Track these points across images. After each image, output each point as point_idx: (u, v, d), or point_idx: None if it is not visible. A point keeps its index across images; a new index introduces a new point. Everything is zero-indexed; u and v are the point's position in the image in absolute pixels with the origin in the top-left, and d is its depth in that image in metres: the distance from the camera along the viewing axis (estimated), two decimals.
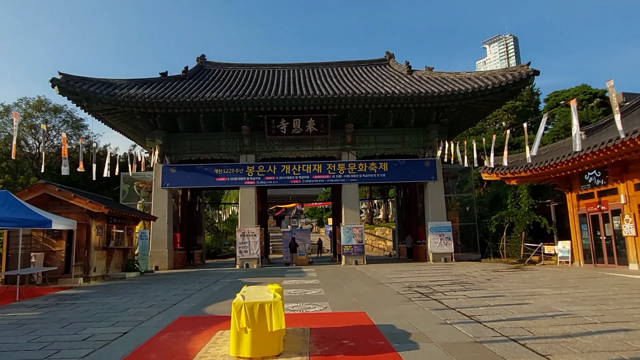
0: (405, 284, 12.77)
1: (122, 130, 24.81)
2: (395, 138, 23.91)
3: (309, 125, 22.81)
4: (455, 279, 13.73)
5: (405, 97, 20.94)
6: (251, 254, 22.25)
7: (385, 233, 40.38)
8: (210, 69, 27.88)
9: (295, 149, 23.68)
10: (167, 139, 23.49)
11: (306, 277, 15.81)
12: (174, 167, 23.19)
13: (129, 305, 10.25)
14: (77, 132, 30.41)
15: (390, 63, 28.34)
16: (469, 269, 17.47)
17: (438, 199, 23.12)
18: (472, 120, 25.10)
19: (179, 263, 24.98)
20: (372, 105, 21.61)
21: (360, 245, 22.51)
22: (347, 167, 23.26)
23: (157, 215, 22.55)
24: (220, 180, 23.19)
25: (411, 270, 17.70)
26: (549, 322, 7.14)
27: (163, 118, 22.85)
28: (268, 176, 23.19)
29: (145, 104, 20.69)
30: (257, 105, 21.28)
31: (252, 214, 22.85)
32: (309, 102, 21.09)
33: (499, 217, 21.89)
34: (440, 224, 22.68)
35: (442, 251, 22.41)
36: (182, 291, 12.57)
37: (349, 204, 23.16)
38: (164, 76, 24.16)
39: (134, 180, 25.24)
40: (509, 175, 18.34)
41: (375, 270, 18.08)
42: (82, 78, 21.08)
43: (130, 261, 18.78)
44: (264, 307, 5.69)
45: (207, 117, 23.12)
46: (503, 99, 21.90)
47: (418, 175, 23.40)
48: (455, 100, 21.40)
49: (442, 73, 23.95)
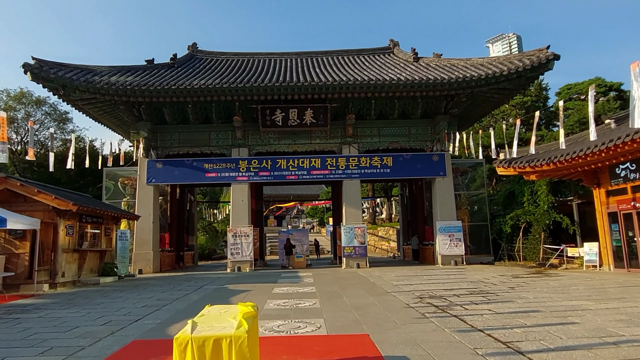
0: (415, 293, 10.90)
1: (105, 122, 23.01)
2: (401, 130, 22.03)
3: (307, 116, 20.96)
4: (472, 286, 11.86)
5: (412, 84, 19.06)
6: (243, 256, 20.41)
7: (389, 233, 38.49)
8: (202, 57, 26.05)
9: (292, 142, 21.83)
10: (153, 131, 21.68)
11: (301, 284, 13.96)
12: (160, 161, 21.36)
13: (82, 321, 8.43)
14: (62, 125, 28.60)
15: (394, 51, 26.46)
16: (484, 273, 15.59)
17: (447, 196, 21.24)
18: (484, 112, 23.21)
19: (167, 265, 23.17)
20: (375, 94, 19.74)
21: (363, 246, 20.65)
22: (348, 162, 21.39)
23: (142, 214, 20.73)
24: (210, 176, 21.36)
25: (419, 275, 15.83)
26: (614, 353, 5.29)
27: (148, 108, 21.04)
28: (262, 171, 21.34)
29: (127, 91, 18.87)
30: (250, 94, 19.45)
31: (245, 212, 21.02)
32: (307, 89, 19.24)
33: (514, 216, 20.01)
34: (449, 224, 20.80)
35: (451, 253, 20.53)
36: (155, 301, 10.74)
37: (351, 202, 21.30)
38: (150, 64, 22.34)
39: (120, 176, 23.43)
40: (528, 169, 16.45)
41: (379, 275, 16.21)
42: (58, 64, 19.29)
43: (108, 265, 16.97)
44: (220, 343, 3.85)
45: (196, 108, 21.31)
46: (519, 87, 19.99)
47: (425, 170, 21.52)
48: (467, 87, 19.51)
49: (451, 60, 22.07)
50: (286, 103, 20.73)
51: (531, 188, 19.84)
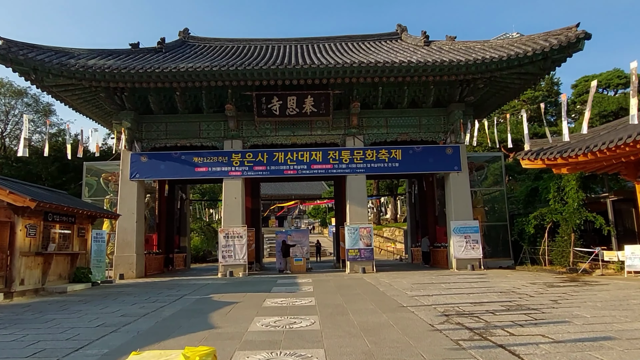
0: (437, 308, 8.84)
1: (85, 112, 21.02)
2: (411, 120, 19.95)
3: (307, 104, 18.92)
4: (504, 299, 9.78)
5: (424, 67, 16.99)
6: (236, 259, 18.37)
7: (395, 234, 36.41)
8: (194, 44, 24.04)
9: (291, 134, 19.79)
10: (138, 121, 19.67)
11: (299, 294, 11.90)
12: (144, 155, 19.35)
13: (6, 350, 6.41)
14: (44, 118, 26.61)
15: (402, 37, 24.38)
16: (510, 281, 13.50)
17: (463, 193, 19.15)
18: (502, 100, 21.10)
19: (154, 269, 21.16)
20: (383, 78, 17.68)
21: (369, 249, 18.58)
22: (353, 155, 19.33)
23: (124, 213, 18.74)
24: (200, 171, 19.33)
25: (436, 282, 13.75)
26: None
27: (131, 96, 19.05)
28: (257, 166, 19.31)
29: (105, 75, 16.87)
30: (244, 78, 17.43)
31: (239, 211, 18.98)
32: (307, 73, 17.21)
33: (538, 215, 17.89)
34: (465, 224, 18.71)
35: (468, 257, 18.44)
36: (117, 318, 8.72)
37: (355, 200, 19.24)
38: (135, 48, 20.34)
39: (103, 172, 21.45)
40: (559, 161, 14.34)
41: (388, 282, 14.14)
42: (29, 45, 17.31)
43: (81, 270, 14.95)
44: None
45: (184, 95, 19.31)
46: (543, 71, 17.88)
47: (438, 164, 19.44)
48: (486, 71, 17.44)
49: (467, 42, 19.99)
50: (284, 90, 18.72)
51: (557, 184, 17.73)
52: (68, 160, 24.29)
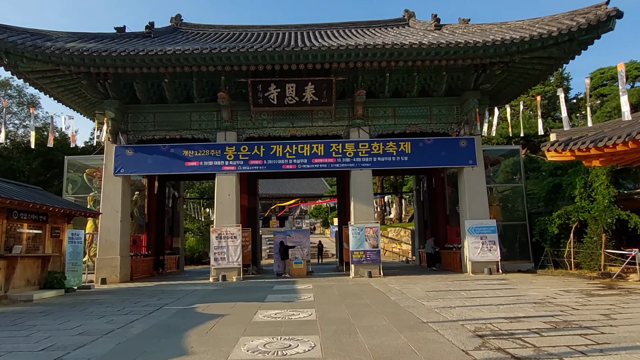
0: (466, 325, 7.17)
1: (66, 102, 19.39)
2: (420, 110, 18.28)
3: (307, 92, 17.27)
4: (544, 312, 8.11)
5: (436, 50, 15.33)
6: (230, 262, 16.74)
7: (400, 234, 34.73)
8: (187, 30, 22.39)
9: (290, 125, 18.14)
10: (123, 112, 18.05)
11: (297, 303, 10.25)
12: (130, 148, 17.73)
13: None
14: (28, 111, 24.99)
15: (410, 23, 22.68)
16: (540, 288, 11.82)
17: (478, 190, 17.47)
18: (519, 89, 19.37)
19: (143, 272, 19.52)
20: (391, 63, 16.02)
21: (375, 251, 16.93)
22: (358, 148, 17.68)
23: (107, 211, 17.15)
24: (190, 166, 17.71)
25: (453, 289, 12.08)
26: None
27: (116, 84, 17.45)
28: (253, 160, 17.66)
29: (84, 59, 15.26)
30: (238, 62, 15.79)
31: (232, 209, 17.35)
32: (307, 56, 15.57)
33: (562, 213, 16.19)
34: (481, 223, 17.06)
35: (484, 259, 16.77)
36: (73, 337, 7.08)
37: (360, 197, 17.58)
38: (121, 32, 18.72)
39: (87, 167, 19.85)
40: (593, 151, 12.64)
41: (399, 288, 12.47)
42: (2, 26, 15.71)
43: (54, 274, 13.33)
44: None
45: (173, 83, 17.71)
46: (568, 55, 16.16)
47: (451, 158, 17.75)
48: (505, 54, 15.76)
49: (482, 25, 18.29)
50: (282, 76, 17.07)
51: (584, 179, 16.02)
52: (52, 156, 22.81)
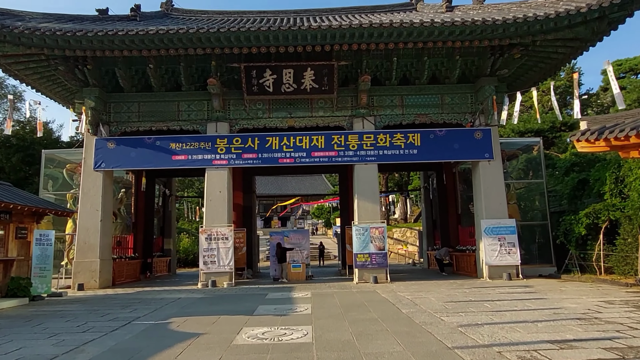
0: (505, 354, 5.50)
1: (46, 92, 17.80)
2: (431, 99, 16.63)
3: (307, 78, 15.67)
4: (598, 334, 6.45)
5: (451, 29, 13.71)
6: (220, 265, 15.14)
7: (406, 235, 33.06)
8: (177, 16, 20.75)
9: (287, 115, 16.54)
10: (105, 101, 16.49)
11: (291, 318, 8.61)
12: (112, 140, 16.16)
13: None
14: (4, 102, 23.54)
15: (417, 8, 20.98)
16: (574, 298, 10.14)
17: (495, 186, 15.81)
18: (539, 76, 17.66)
19: (128, 277, 17.96)
20: (399, 44, 14.39)
21: (382, 253, 15.30)
22: (362, 140, 16.05)
23: (86, 210, 15.59)
24: (178, 160, 16.12)
25: (474, 299, 10.41)
26: None
27: (96, 70, 15.90)
28: (247, 153, 16.06)
29: (57, 40, 13.71)
30: (229, 44, 14.21)
31: (224, 207, 15.75)
32: (305, 37, 13.95)
33: (591, 212, 14.51)
34: (499, 223, 15.41)
35: (503, 263, 15.12)
36: None
37: (365, 194, 15.95)
38: (103, 14, 17.16)
39: (68, 162, 18.31)
40: (633, 140, 10.94)
41: (411, 298, 10.83)
42: None
43: (18, 281, 11.75)
44: None
45: (159, 69, 16.16)
46: (596, 36, 14.49)
47: (465, 151, 16.11)
48: (527, 34, 14.11)
49: (498, 5, 16.65)
50: (279, 60, 15.49)
51: (615, 174, 14.35)
52: (34, 151, 21.33)
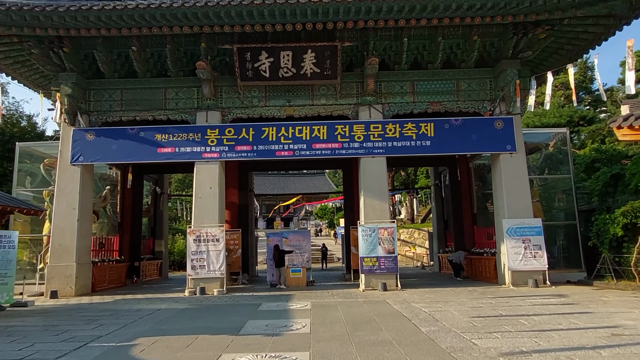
0: None
1: (21, 79, 16.15)
2: (445, 85, 14.95)
3: (307, 61, 14.03)
4: None
5: (470, 2, 12.02)
6: (210, 271, 13.52)
7: (414, 236, 31.37)
8: None
9: (286, 103, 14.91)
10: (84, 88, 14.92)
11: (284, 340, 6.96)
12: (91, 131, 14.57)
13: None
14: None
15: None
16: (623, 310, 8.43)
17: (519, 182, 14.13)
18: (565, 60, 15.88)
19: (112, 282, 16.38)
20: (411, 21, 12.69)
21: (391, 257, 13.67)
22: (369, 131, 14.40)
23: (62, 208, 14.02)
24: (164, 153, 14.51)
25: (504, 312, 8.73)
26: None
27: (74, 53, 14.32)
28: (241, 145, 14.43)
29: (24, 16, 12.14)
30: (219, 20, 12.56)
31: (215, 205, 14.13)
32: (305, 12, 12.28)
33: (629, 210, 12.80)
34: (523, 223, 13.73)
35: (528, 268, 13.42)
36: None
37: (372, 190, 14.30)
38: None
39: (46, 156, 16.75)
40: None
41: (428, 311, 9.15)
42: None
43: None
44: None
45: (144, 52, 14.57)
46: (633, 12, 12.76)
47: (484, 143, 14.42)
48: (556, 9, 12.41)
49: None
50: (275, 41, 13.88)
51: None
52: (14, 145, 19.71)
